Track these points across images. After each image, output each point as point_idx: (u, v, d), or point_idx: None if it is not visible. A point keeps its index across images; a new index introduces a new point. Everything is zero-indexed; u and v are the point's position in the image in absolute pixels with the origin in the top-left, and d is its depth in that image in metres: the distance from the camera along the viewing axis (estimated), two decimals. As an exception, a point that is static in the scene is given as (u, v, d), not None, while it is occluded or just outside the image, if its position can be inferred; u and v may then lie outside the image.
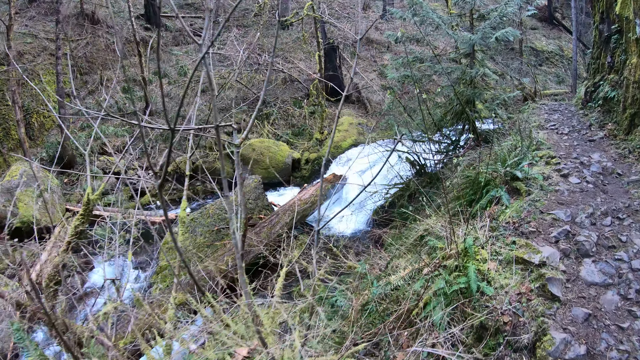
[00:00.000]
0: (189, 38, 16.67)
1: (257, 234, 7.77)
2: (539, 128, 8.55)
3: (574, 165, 5.88)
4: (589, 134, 7.71)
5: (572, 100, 11.75)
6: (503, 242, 3.97)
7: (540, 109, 11.01)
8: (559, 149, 6.84)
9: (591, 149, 6.77)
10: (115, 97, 14.04)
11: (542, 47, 19.20)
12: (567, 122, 8.94)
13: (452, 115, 9.91)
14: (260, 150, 12.19)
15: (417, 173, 9.67)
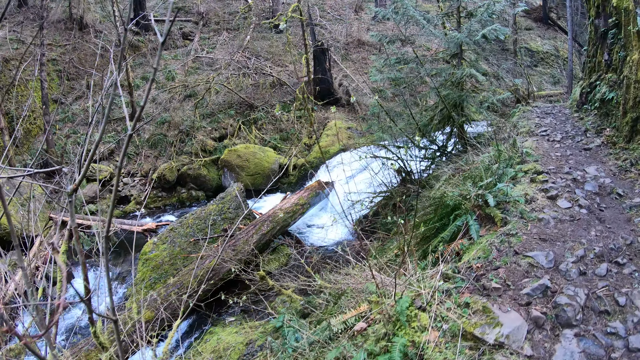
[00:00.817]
0: (178, 42, 16.55)
1: (232, 245, 7.59)
2: (528, 134, 7.92)
3: (565, 183, 4.91)
4: (584, 141, 6.90)
5: (567, 102, 11.08)
6: (455, 300, 3.01)
7: (531, 112, 10.40)
8: (549, 160, 5.93)
9: (586, 160, 5.88)
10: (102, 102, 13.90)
11: (537, 48, 18.90)
12: (560, 127, 8.20)
13: (439, 119, 9.66)
14: (245, 157, 12.03)
15: (403, 180, 9.44)
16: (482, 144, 9.06)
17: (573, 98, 10.23)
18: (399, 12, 8.51)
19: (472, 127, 10.45)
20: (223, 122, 13.74)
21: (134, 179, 12.72)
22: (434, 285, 3.11)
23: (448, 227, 4.24)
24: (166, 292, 6.81)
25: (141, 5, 16.31)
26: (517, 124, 9.14)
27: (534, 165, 5.53)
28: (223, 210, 9.37)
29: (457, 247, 3.88)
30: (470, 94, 9.90)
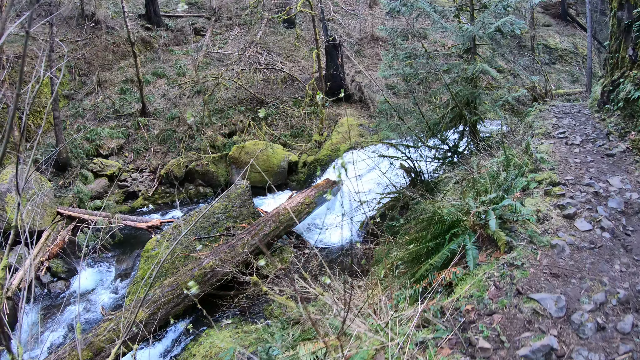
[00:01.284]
0: (190, 37, 16.46)
1: (232, 246, 7.38)
2: (544, 136, 7.26)
3: (585, 197, 4.16)
4: (606, 145, 6.19)
5: (587, 102, 10.21)
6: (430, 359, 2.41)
7: (549, 111, 9.66)
8: (567, 168, 5.20)
9: (609, 169, 5.16)
10: (113, 98, 13.90)
11: (556, 45, 18.22)
12: (580, 128, 7.52)
13: (450, 117, 9.26)
14: (254, 153, 11.83)
15: (412, 181, 9.08)
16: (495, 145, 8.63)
17: (593, 97, 9.40)
18: (408, 5, 8.12)
19: (485, 126, 10.01)
20: (233, 118, 13.58)
21: (143, 174, 12.66)
22: (407, 332, 2.50)
23: (442, 250, 3.53)
24: (162, 293, 6.65)
25: (152, 0, 16.25)
26: (532, 124, 8.53)
27: (550, 174, 4.86)
28: (227, 209, 9.18)
29: (448, 276, 3.24)
30: (484, 91, 9.41)
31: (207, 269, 7.12)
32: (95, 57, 14.78)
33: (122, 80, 14.52)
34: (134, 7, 17.33)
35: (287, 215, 8.47)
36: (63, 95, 13.91)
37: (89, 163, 12.33)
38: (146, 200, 12.08)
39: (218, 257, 7.28)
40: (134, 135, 13.22)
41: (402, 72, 8.73)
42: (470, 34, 8.65)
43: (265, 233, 7.89)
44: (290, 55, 16.35)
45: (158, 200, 12.11)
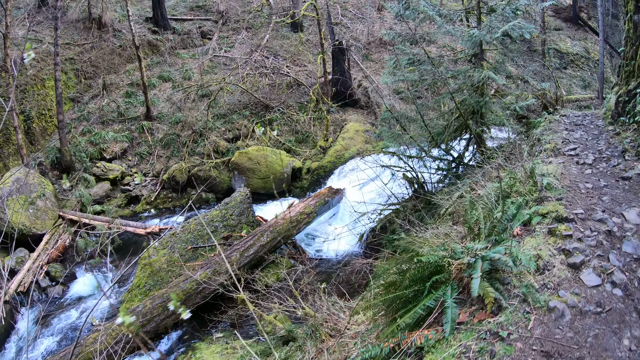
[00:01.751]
0: (197, 41, 16.40)
1: (227, 257, 7.21)
2: (552, 153, 6.63)
3: (595, 240, 3.47)
4: (621, 165, 5.56)
5: (600, 111, 9.50)
6: None
7: (559, 122, 9.01)
8: (577, 196, 4.46)
9: (625, 197, 4.44)
10: (118, 101, 13.89)
11: (567, 49, 17.79)
12: (593, 143, 6.86)
13: (455, 127, 8.95)
14: (256, 159, 11.69)
15: (415, 192, 8.80)
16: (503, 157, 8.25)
17: (607, 107, 8.71)
18: (411, 8, 7.84)
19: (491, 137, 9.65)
20: (237, 122, 13.46)
21: (146, 178, 12.60)
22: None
23: (416, 306, 2.95)
24: (152, 305, 6.51)
25: (160, 4, 16.24)
26: (541, 137, 7.96)
27: (556, 206, 4.12)
28: (225, 217, 9.04)
29: (419, 339, 2.75)
30: (492, 99, 9.03)
31: (199, 280, 6.97)
32: (101, 60, 14.80)
33: (127, 83, 14.52)
34: (141, 10, 17.36)
35: (285, 226, 8.29)
36: (69, 98, 13.94)
37: (92, 166, 12.31)
38: (148, 204, 12.02)
39: (211, 269, 7.13)
40: (138, 139, 13.18)
41: (405, 78, 8.49)
42: (476, 39, 8.33)
43: (262, 244, 7.72)
44: (297, 59, 16.20)
45: (160, 205, 12.04)
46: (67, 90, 13.96)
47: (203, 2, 18.59)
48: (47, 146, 12.81)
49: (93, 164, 12.40)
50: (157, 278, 8.28)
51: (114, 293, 9.23)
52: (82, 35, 14.94)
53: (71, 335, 8.13)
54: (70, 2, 15.81)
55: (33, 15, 14.99)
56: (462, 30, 8.50)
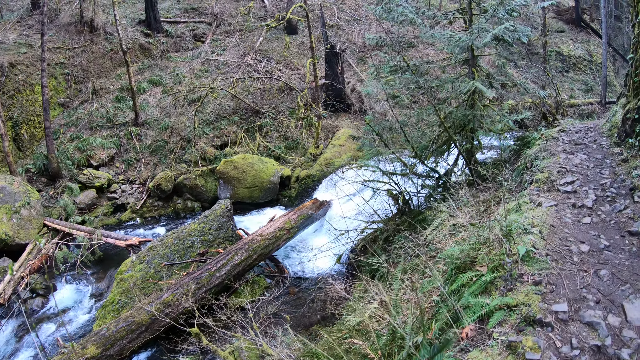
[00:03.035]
0: (190, 44, 16.18)
1: (196, 278, 6.99)
2: (546, 186, 5.66)
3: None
4: (629, 211, 4.52)
5: (604, 124, 8.27)
6: None
7: (557, 140, 7.78)
8: (564, 271, 3.39)
9: (631, 270, 3.42)
10: (107, 106, 13.73)
11: (569, 52, 17.21)
12: (595, 173, 5.82)
13: (442, 141, 8.47)
14: (242, 168, 11.45)
15: (399, 210, 8.39)
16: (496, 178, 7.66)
17: (612, 122, 7.61)
18: (392, 10, 7.37)
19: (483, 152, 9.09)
20: (225, 129, 13.22)
21: (133, 186, 12.45)
22: None
23: None
24: (116, 328, 6.32)
25: (152, 7, 16.03)
26: (534, 161, 6.98)
27: (530, 294, 3.01)
28: (204, 231, 8.82)
29: None
30: (482, 111, 8.40)
31: (166, 302, 6.77)
32: (92, 64, 14.65)
33: (118, 88, 14.36)
34: (135, 12, 17.18)
35: (262, 243, 8.04)
36: (58, 103, 13.83)
37: (79, 174, 12.19)
38: (134, 213, 11.87)
39: (180, 290, 6.92)
40: (126, 145, 13.03)
41: (383, 88, 8.10)
42: (463, 44, 7.76)
43: (235, 264, 7.47)
44: (290, 62, 15.90)
45: (146, 214, 11.88)
46: (57, 95, 13.86)
47: (198, 4, 18.35)
48: (34, 153, 12.72)
49: (80, 172, 12.27)
50: (130, 295, 8.10)
51: (92, 307, 9.09)
52: (74, 39, 14.80)
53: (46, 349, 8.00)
54: (64, 5, 15.67)
55: (25, 19, 14.89)
56: (448, 34, 7.83)
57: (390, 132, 8.20)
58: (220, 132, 13.17)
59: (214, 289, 7.18)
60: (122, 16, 16.56)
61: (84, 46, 14.71)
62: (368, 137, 8.73)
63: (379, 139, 7.84)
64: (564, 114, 13.39)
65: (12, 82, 12.80)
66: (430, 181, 8.50)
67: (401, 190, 8.18)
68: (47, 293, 9.61)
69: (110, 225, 11.65)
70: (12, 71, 12.91)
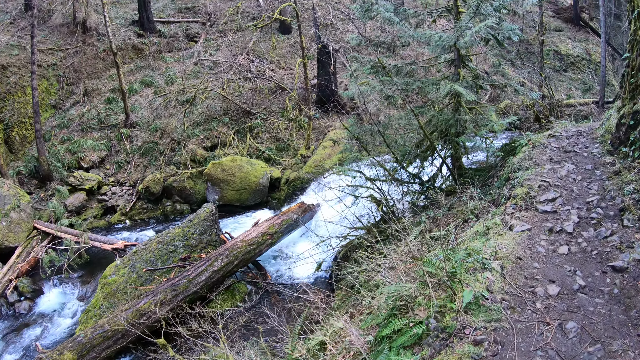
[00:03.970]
0: (183, 44, 16.12)
1: (174, 285, 6.97)
2: (523, 204, 5.07)
3: None
4: (615, 238, 3.89)
5: (598, 129, 7.62)
6: None
7: (545, 147, 7.16)
8: (516, 328, 2.75)
9: (610, 330, 2.73)
10: (99, 108, 13.73)
11: (567, 51, 16.94)
12: (581, 188, 5.18)
13: (425, 147, 8.24)
14: (230, 170, 11.41)
15: (383, 216, 8.21)
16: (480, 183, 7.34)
17: (606, 127, 6.97)
18: (370, 9, 7.16)
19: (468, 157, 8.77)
20: (216, 130, 13.18)
21: (123, 188, 12.46)
22: None
23: None
24: (92, 335, 6.32)
25: (145, 7, 15.97)
26: (515, 173, 6.42)
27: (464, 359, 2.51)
28: (187, 236, 8.79)
29: None
30: (468, 114, 8.11)
31: (142, 310, 6.75)
32: (84, 65, 14.65)
33: (110, 89, 14.35)
34: (128, 12, 17.14)
35: (243, 249, 8.00)
36: (50, 105, 13.86)
37: (69, 176, 12.21)
38: (124, 215, 11.89)
39: (158, 296, 6.90)
40: (116, 147, 13.03)
41: (369, 89, 7.92)
42: (444, 44, 7.39)
43: (215, 270, 7.43)
44: (283, 62, 15.79)
45: (135, 217, 11.89)
46: (49, 97, 13.88)
47: (192, 4, 18.27)
48: (25, 155, 12.77)
49: (70, 174, 12.30)
50: (113, 300, 8.11)
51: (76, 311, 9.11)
52: (66, 40, 14.80)
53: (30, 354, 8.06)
54: (57, 6, 15.67)
55: (18, 20, 14.90)
56: (428, 33, 7.48)
57: (372, 136, 8.06)
58: (210, 133, 13.13)
59: (192, 296, 7.16)
60: (116, 16, 16.54)
61: (77, 47, 14.70)
62: (350, 141, 8.59)
63: (359, 144, 7.72)
64: (558, 115, 13.15)
65: (4, 85, 12.83)
66: (415, 187, 8.35)
67: (384, 196, 8.05)
68: (35, 296, 9.66)
69: (100, 227, 11.67)
70: (4, 73, 12.94)
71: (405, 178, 8.11)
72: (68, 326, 8.72)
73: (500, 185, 6.67)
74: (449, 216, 6.40)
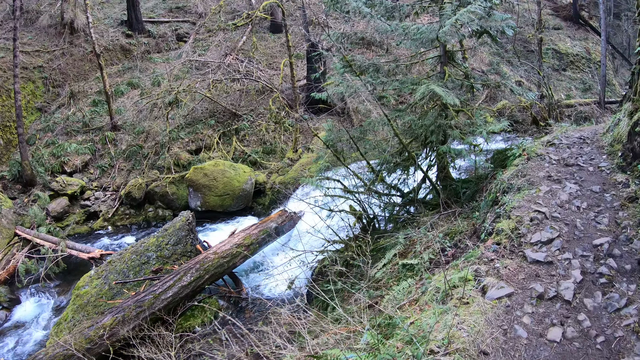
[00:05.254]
0: (172, 44, 15.84)
1: (139, 302, 6.71)
2: (508, 244, 4.01)
3: None
4: (632, 310, 2.86)
5: (604, 134, 6.75)
6: None
7: (542, 159, 6.03)
8: None
9: None
10: (84, 110, 13.53)
11: (567, 49, 16.37)
12: (586, 222, 4.08)
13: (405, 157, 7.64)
14: (213, 175, 11.14)
15: (363, 229, 7.77)
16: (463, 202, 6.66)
17: (615, 135, 6.01)
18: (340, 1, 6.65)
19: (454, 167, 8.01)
20: (201, 133, 12.90)
21: (106, 193, 12.27)
22: None
23: None
24: (53, 353, 6.10)
25: (134, 7, 15.71)
26: (505, 192, 5.38)
27: None
28: (161, 246, 8.54)
29: None
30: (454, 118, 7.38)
31: (105, 327, 6.51)
32: (71, 67, 14.45)
33: (96, 91, 14.14)
34: (118, 12, 16.89)
35: (215, 262, 7.71)
36: (36, 107, 13.69)
37: (52, 181, 12.04)
38: (106, 221, 11.69)
39: (122, 313, 6.66)
40: (101, 150, 12.83)
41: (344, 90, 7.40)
42: (422, 37, 6.53)
43: (184, 285, 7.15)
44: (273, 62, 15.45)
45: (117, 222, 11.69)
46: (35, 100, 13.71)
47: (183, 3, 17.96)
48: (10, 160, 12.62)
49: (53, 178, 12.13)
50: (84, 312, 7.89)
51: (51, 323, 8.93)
52: (53, 41, 14.61)
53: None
54: (46, 7, 15.47)
55: (7, 21, 14.71)
56: (404, 25, 6.66)
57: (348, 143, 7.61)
58: (195, 136, 12.87)
59: (159, 313, 6.90)
60: (105, 17, 16.31)
61: (64, 49, 14.50)
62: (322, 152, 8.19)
63: (332, 152, 7.33)
64: (558, 117, 12.60)
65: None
66: (396, 199, 7.86)
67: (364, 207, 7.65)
68: (12, 305, 9.52)
69: (82, 234, 11.49)
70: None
71: (383, 189, 7.64)
72: (41, 338, 8.55)
73: (486, 206, 5.71)
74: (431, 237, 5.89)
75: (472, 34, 7.58)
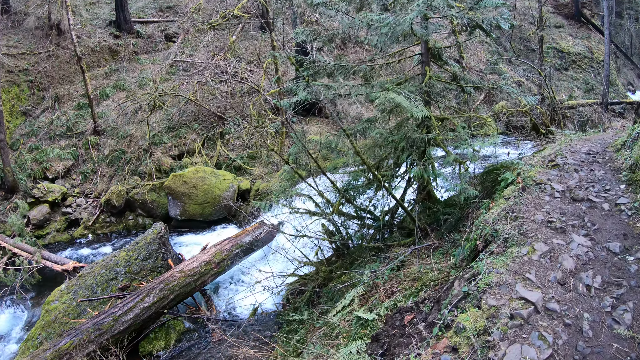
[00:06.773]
0: (161, 45, 15.50)
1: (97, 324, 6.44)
2: (470, 356, 2.62)
3: None
4: None
5: (619, 152, 5.57)
6: None
7: (541, 190, 4.74)
8: None
9: None
10: (68, 114, 13.30)
11: (568, 48, 15.62)
12: (599, 314, 2.74)
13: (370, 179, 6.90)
14: (192, 183, 10.83)
15: (336, 251, 7.31)
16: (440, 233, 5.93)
17: (636, 157, 4.82)
18: None
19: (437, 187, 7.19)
20: (184, 137, 12.59)
21: (88, 200, 12.05)
22: None
23: None
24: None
25: (122, 7, 15.39)
26: (487, 245, 4.08)
27: None
28: (130, 261, 8.27)
29: None
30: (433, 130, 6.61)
31: (61, 351, 6.26)
32: (57, 69, 14.23)
33: (81, 94, 13.90)
34: (107, 13, 16.59)
35: (181, 281, 7.40)
36: (21, 111, 13.50)
37: (33, 188, 11.86)
38: (87, 229, 11.49)
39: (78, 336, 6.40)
40: (84, 155, 12.60)
41: (306, 96, 6.78)
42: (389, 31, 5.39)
43: (146, 307, 6.85)
44: (262, 62, 15.02)
45: (98, 230, 11.48)
46: (19, 104, 13.53)
47: (173, 3, 17.58)
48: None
49: (34, 185, 11.95)
50: (50, 329, 7.67)
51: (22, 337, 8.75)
52: (40, 43, 14.38)
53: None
54: (34, 9, 15.24)
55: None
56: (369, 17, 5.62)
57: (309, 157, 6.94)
58: (178, 140, 12.56)
59: (119, 335, 6.62)
60: (94, 17, 16.03)
61: (50, 51, 14.27)
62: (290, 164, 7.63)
63: (292, 170, 6.84)
64: (561, 123, 11.86)
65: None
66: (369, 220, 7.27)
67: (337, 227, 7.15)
68: (-15, 318, 9.36)
69: (62, 242, 11.31)
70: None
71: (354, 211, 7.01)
72: (11, 354, 8.38)
73: (464, 253, 4.48)
74: (397, 280, 5.22)
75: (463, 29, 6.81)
